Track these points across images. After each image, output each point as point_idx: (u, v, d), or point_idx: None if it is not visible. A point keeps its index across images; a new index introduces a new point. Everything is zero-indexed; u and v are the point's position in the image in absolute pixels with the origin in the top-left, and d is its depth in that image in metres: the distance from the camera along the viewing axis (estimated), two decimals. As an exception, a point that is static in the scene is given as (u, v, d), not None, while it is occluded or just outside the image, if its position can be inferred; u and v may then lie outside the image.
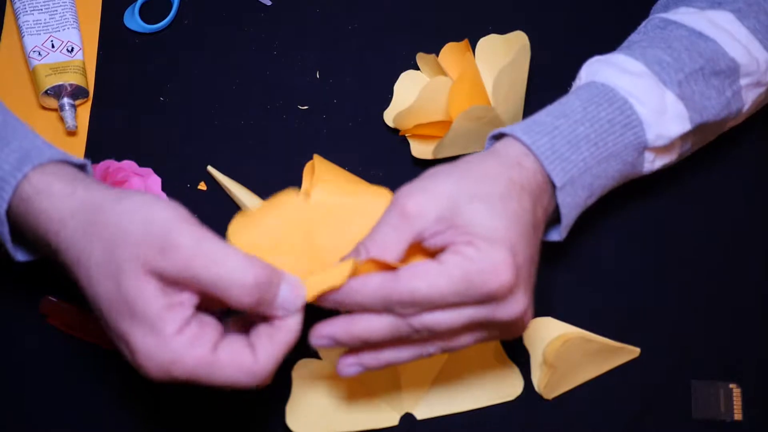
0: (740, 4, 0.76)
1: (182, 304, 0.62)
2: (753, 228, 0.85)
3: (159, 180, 0.82)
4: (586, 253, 0.82)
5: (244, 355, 0.63)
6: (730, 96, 0.74)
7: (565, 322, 0.80)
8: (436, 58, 0.84)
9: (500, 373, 0.78)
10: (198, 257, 0.61)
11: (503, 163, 0.68)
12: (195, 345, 0.61)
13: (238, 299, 0.61)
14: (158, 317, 0.61)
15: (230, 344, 0.63)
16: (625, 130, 0.71)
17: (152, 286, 0.61)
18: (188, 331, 0.62)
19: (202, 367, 0.62)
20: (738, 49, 0.74)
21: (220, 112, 0.85)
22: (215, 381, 0.62)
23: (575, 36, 0.89)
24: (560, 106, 0.71)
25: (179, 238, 0.61)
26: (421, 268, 0.64)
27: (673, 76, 0.73)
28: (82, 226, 0.63)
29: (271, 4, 0.89)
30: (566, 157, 0.69)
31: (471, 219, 0.64)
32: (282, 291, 0.63)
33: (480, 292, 0.63)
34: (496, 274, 0.63)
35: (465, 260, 0.63)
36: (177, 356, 0.61)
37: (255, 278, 0.61)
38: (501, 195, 0.66)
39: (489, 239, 0.64)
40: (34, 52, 0.84)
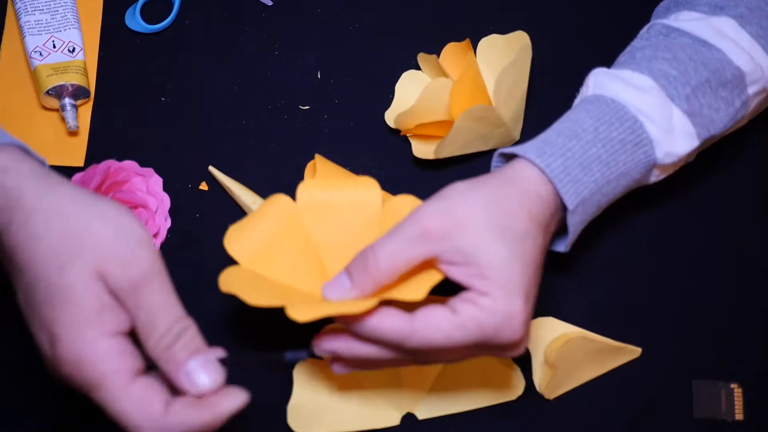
0: (742, 9, 0.75)
1: (119, 316, 0.61)
2: (753, 228, 0.85)
3: (160, 180, 0.82)
4: (588, 253, 0.82)
5: (156, 400, 0.60)
6: (738, 106, 0.74)
7: (566, 322, 0.80)
8: (438, 59, 0.84)
9: (501, 373, 0.78)
10: (149, 286, 0.60)
11: (523, 193, 0.67)
12: (120, 357, 0.60)
13: (156, 339, 0.60)
14: (93, 312, 0.60)
15: (150, 383, 0.61)
16: (636, 149, 0.70)
17: (97, 286, 0.60)
18: (117, 341, 0.60)
19: (113, 382, 0.59)
20: (742, 57, 0.74)
21: (221, 112, 0.85)
22: (114, 406, 0.60)
23: (576, 36, 0.89)
24: (571, 124, 0.70)
25: (143, 260, 0.61)
26: (435, 319, 0.64)
27: (681, 91, 0.72)
28: (43, 209, 0.62)
29: (272, 4, 0.89)
30: (578, 180, 0.68)
31: (490, 263, 0.64)
32: (196, 361, 0.61)
33: (492, 343, 0.64)
34: (510, 327, 0.64)
35: (481, 312, 0.63)
36: (97, 357, 0.59)
37: (178, 329, 0.60)
38: (521, 236, 0.65)
39: (505, 289, 0.64)
40: (36, 53, 0.84)
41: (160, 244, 0.81)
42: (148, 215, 0.80)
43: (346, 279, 0.66)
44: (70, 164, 0.83)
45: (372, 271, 0.65)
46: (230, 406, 0.61)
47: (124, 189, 0.81)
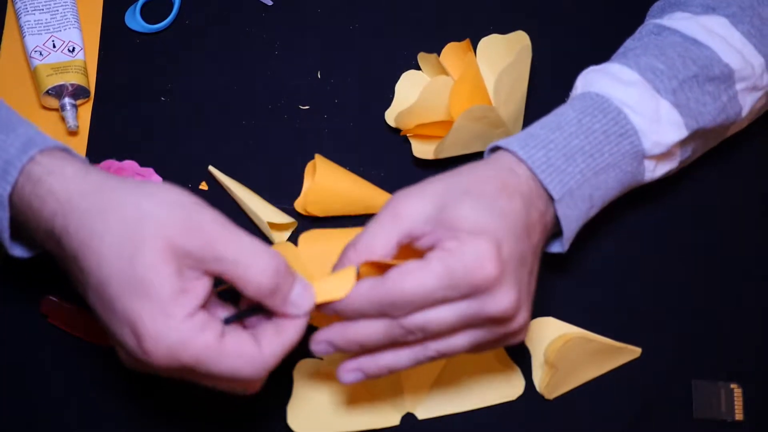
0: (734, 9, 0.76)
1: (196, 289, 0.62)
2: (753, 228, 0.85)
3: (160, 180, 0.82)
4: (587, 253, 0.82)
5: (249, 345, 0.63)
6: (725, 101, 0.74)
7: (566, 322, 0.80)
8: (438, 58, 0.84)
9: (501, 373, 0.78)
10: (223, 237, 0.62)
11: (495, 168, 0.69)
12: (204, 331, 0.62)
13: (257, 283, 0.62)
14: (171, 299, 0.61)
15: (236, 334, 0.64)
16: (621, 139, 0.71)
17: (170, 267, 0.61)
18: (198, 317, 0.62)
19: (209, 352, 0.62)
20: (732, 55, 0.74)
21: (221, 112, 0.85)
22: (219, 368, 0.63)
23: (576, 36, 0.89)
24: (555, 118, 0.72)
25: (204, 221, 0.62)
26: (406, 267, 0.64)
27: (667, 84, 0.73)
28: (95, 206, 0.63)
29: (272, 4, 0.89)
30: (562, 170, 0.69)
31: (457, 214, 0.65)
32: (296, 288, 0.64)
33: (464, 283, 0.64)
34: (479, 265, 0.63)
35: (447, 254, 0.64)
36: (186, 340, 0.61)
37: (276, 266, 0.62)
38: (490, 193, 0.66)
39: (472, 231, 0.64)
40: (36, 52, 0.84)
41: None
42: (147, 215, 0.80)
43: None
44: None
45: (352, 259, 0.66)
46: (299, 323, 0.64)
47: (123, 189, 0.81)
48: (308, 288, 0.65)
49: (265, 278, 0.62)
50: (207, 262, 0.62)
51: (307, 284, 0.65)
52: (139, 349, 0.62)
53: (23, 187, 0.65)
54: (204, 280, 0.63)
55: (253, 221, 0.81)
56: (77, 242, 0.63)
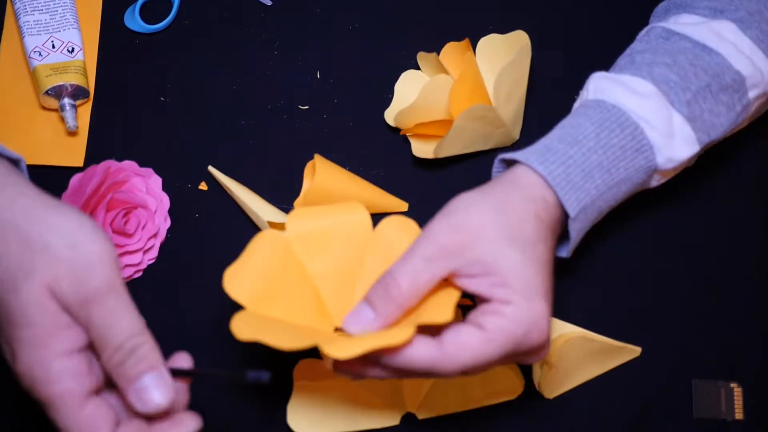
0: (742, 13, 0.75)
1: (77, 331, 0.61)
2: (753, 228, 0.85)
3: (160, 180, 0.82)
4: (588, 253, 0.82)
5: (103, 426, 0.60)
6: (740, 110, 0.74)
7: (566, 321, 0.80)
8: (437, 58, 0.84)
9: (501, 373, 0.78)
10: (99, 302, 0.60)
11: (529, 198, 0.67)
12: (73, 378, 0.60)
13: (108, 355, 0.60)
14: (49, 332, 0.60)
15: (101, 406, 0.61)
16: (637, 155, 0.70)
17: (53, 304, 0.60)
18: (74, 361, 0.60)
19: (63, 403, 0.60)
20: (742, 61, 0.73)
21: (220, 112, 0.85)
22: (61, 423, 0.60)
23: (576, 36, 0.88)
24: (572, 130, 0.70)
25: (93, 279, 0.60)
26: (465, 338, 0.63)
27: (681, 96, 0.72)
28: (4, 225, 0.61)
29: (271, 4, 0.89)
30: (580, 186, 0.68)
31: (509, 269, 0.64)
32: (145, 378, 0.60)
33: (522, 350, 0.64)
34: (537, 330, 0.64)
35: (507, 322, 0.63)
36: (49, 379, 0.59)
37: (131, 345, 0.60)
38: (532, 240, 0.66)
39: (526, 293, 0.64)
40: (35, 53, 0.84)
41: (160, 244, 0.81)
42: (147, 215, 0.80)
43: (368, 309, 0.65)
44: (70, 164, 0.83)
45: (395, 296, 0.64)
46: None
47: (123, 189, 0.81)
48: (161, 384, 0.61)
49: (116, 353, 0.60)
50: (78, 316, 0.60)
51: (164, 381, 0.61)
52: (13, 368, 0.61)
53: None
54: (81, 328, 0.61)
55: (253, 221, 0.81)
56: None
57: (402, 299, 0.64)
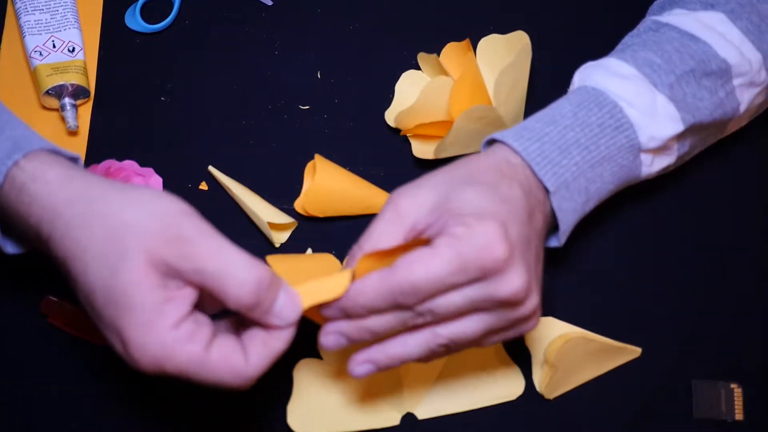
0: (733, 5, 0.76)
1: (180, 298, 0.62)
2: (753, 228, 0.85)
3: (160, 180, 0.82)
4: (588, 253, 0.82)
5: (235, 357, 0.63)
6: (723, 96, 0.75)
7: (566, 321, 0.80)
8: (438, 58, 0.84)
9: (501, 373, 0.78)
10: (204, 250, 0.61)
11: (492, 159, 0.69)
12: (189, 341, 0.62)
13: (237, 297, 0.61)
14: (155, 310, 0.61)
15: (223, 344, 0.63)
16: (617, 133, 0.71)
17: (152, 278, 0.61)
18: (183, 327, 0.62)
19: (193, 364, 0.62)
20: (729, 50, 0.75)
21: (221, 112, 0.85)
22: (204, 379, 0.62)
23: (576, 36, 0.89)
24: (550, 111, 0.72)
25: (186, 230, 0.61)
26: (415, 255, 0.64)
27: (664, 79, 0.73)
28: (79, 215, 0.63)
29: (272, 3, 0.89)
30: (557, 162, 0.70)
31: (461, 201, 0.65)
32: (280, 299, 0.63)
33: (475, 266, 0.63)
34: (488, 247, 0.63)
35: (456, 239, 0.63)
36: (170, 351, 0.61)
37: (257, 278, 0.61)
38: (491, 181, 0.67)
39: (479, 215, 0.64)
40: (36, 52, 0.84)
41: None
42: (147, 215, 0.80)
43: None
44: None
45: (355, 254, 0.67)
46: (287, 333, 0.64)
47: (123, 189, 0.81)
48: (294, 298, 0.64)
49: (244, 292, 0.61)
50: (186, 273, 0.61)
51: (293, 294, 0.64)
52: (126, 356, 0.62)
53: (9, 193, 0.65)
54: (188, 289, 0.62)
55: (253, 221, 0.81)
56: (63, 250, 0.63)
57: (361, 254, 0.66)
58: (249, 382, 0.63)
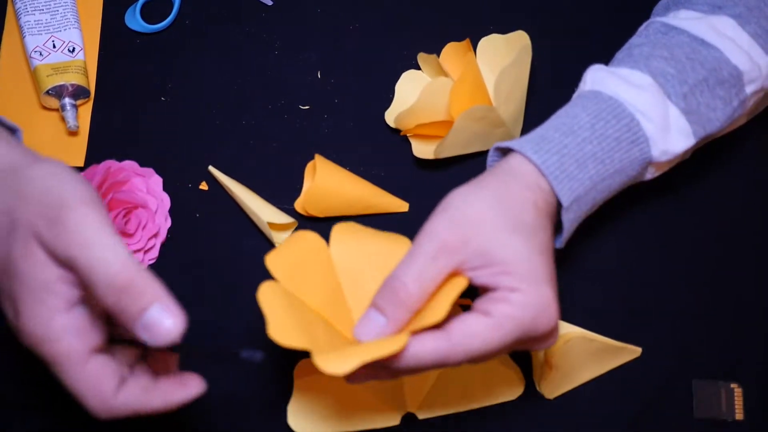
0: (741, 9, 0.75)
1: (72, 283, 0.59)
2: (753, 228, 0.85)
3: (160, 180, 0.82)
4: (588, 253, 0.82)
5: (107, 381, 0.60)
6: (736, 105, 0.74)
7: (566, 321, 0.80)
8: (438, 58, 0.84)
9: (502, 373, 0.78)
10: (78, 238, 0.58)
11: (525, 185, 0.67)
12: (75, 335, 0.59)
13: (101, 295, 0.58)
14: (45, 288, 0.59)
15: (105, 362, 0.60)
16: (632, 146, 0.70)
17: (40, 255, 0.59)
18: (75, 315, 0.59)
19: (66, 360, 0.59)
20: (740, 56, 0.74)
21: (221, 112, 0.85)
22: (67, 381, 0.60)
23: (576, 36, 0.89)
24: (567, 120, 0.70)
25: (68, 215, 0.59)
26: (472, 326, 0.63)
27: (678, 89, 0.72)
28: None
29: (272, 4, 0.89)
30: (574, 176, 0.68)
31: (512, 258, 0.64)
32: (151, 312, 0.58)
33: (531, 335, 0.64)
34: (546, 315, 0.64)
35: (515, 308, 0.63)
36: (53, 335, 0.59)
37: (123, 281, 0.58)
38: (533, 227, 0.65)
39: (532, 280, 0.63)
40: (36, 52, 0.84)
41: (160, 244, 0.81)
42: (148, 215, 0.80)
43: (379, 315, 0.65)
44: (70, 164, 0.82)
45: (404, 299, 0.64)
46: (184, 396, 0.61)
47: (124, 189, 0.81)
48: (173, 315, 0.58)
49: (108, 291, 0.58)
50: (61, 258, 0.59)
51: (173, 311, 0.59)
52: (15, 323, 0.60)
53: None
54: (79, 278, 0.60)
55: (253, 221, 0.81)
56: None
57: (411, 301, 0.64)
58: (105, 415, 0.60)
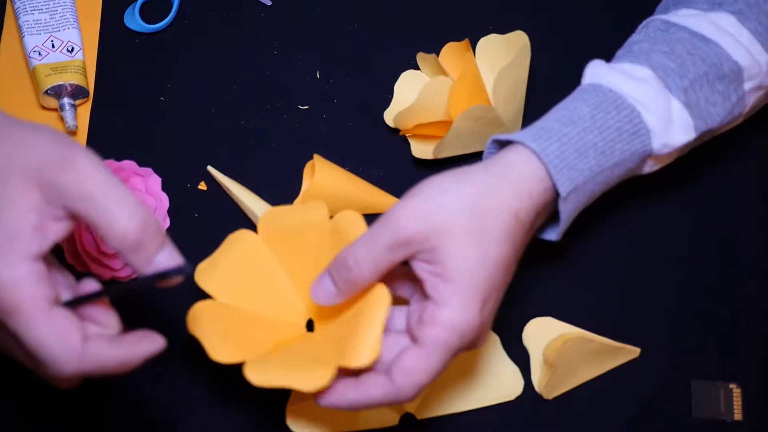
0: (740, 6, 0.75)
1: (51, 232, 0.59)
2: (752, 227, 0.85)
3: (159, 180, 0.82)
4: (586, 253, 0.82)
5: (74, 332, 0.59)
6: (734, 101, 0.74)
7: (565, 322, 0.80)
8: (437, 58, 0.84)
9: (500, 373, 0.78)
10: (95, 177, 0.59)
11: (512, 191, 0.67)
12: (39, 283, 0.59)
13: (123, 231, 0.59)
14: (19, 234, 0.58)
15: (69, 316, 0.59)
16: (633, 138, 0.70)
17: (30, 198, 0.59)
18: (40, 266, 0.59)
19: (32, 308, 0.58)
20: (741, 52, 0.74)
21: (220, 112, 0.85)
22: (29, 333, 0.58)
23: (575, 36, 0.89)
24: (567, 112, 0.70)
25: (80, 158, 0.59)
26: (409, 365, 0.65)
27: (678, 83, 0.72)
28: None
29: (271, 3, 0.89)
30: (573, 165, 0.68)
31: (458, 267, 0.65)
32: (164, 253, 0.61)
33: (464, 347, 0.66)
34: (471, 332, 0.65)
35: (443, 332, 0.64)
36: (16, 281, 0.58)
37: (144, 219, 0.59)
38: (499, 238, 0.66)
39: (465, 296, 0.65)
40: (35, 52, 0.84)
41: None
42: (146, 215, 0.80)
43: (330, 283, 0.67)
44: None
45: (355, 279, 0.66)
46: (147, 349, 0.61)
47: (123, 189, 0.80)
48: (177, 258, 0.61)
49: (130, 229, 0.59)
50: (73, 199, 0.59)
51: (176, 255, 0.62)
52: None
53: None
54: (63, 223, 0.60)
55: (253, 221, 0.81)
56: None
57: (361, 280, 0.66)
58: (74, 367, 0.59)
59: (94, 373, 0.60)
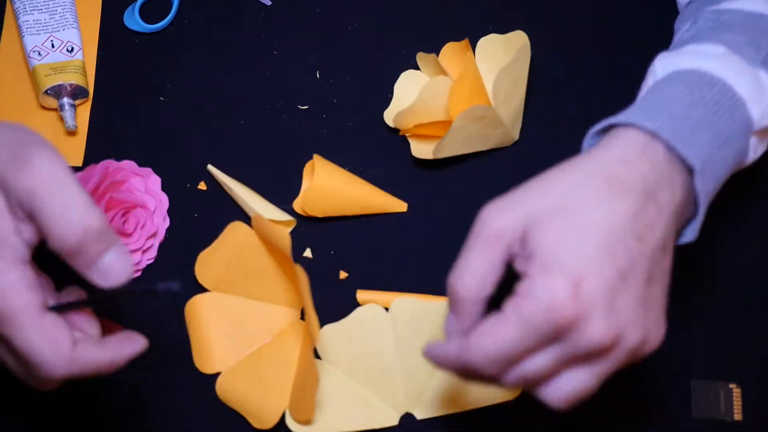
0: None
1: (26, 231, 0.59)
2: (753, 227, 0.84)
3: (159, 180, 0.82)
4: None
5: (64, 336, 0.59)
6: None
7: (565, 322, 0.80)
8: (437, 58, 0.84)
9: (500, 373, 0.78)
10: (43, 175, 0.58)
11: (603, 161, 0.61)
12: (30, 290, 0.59)
13: (60, 236, 0.57)
14: (8, 239, 0.58)
15: (58, 320, 0.59)
16: (732, 111, 0.64)
17: (2, 202, 0.58)
18: (24, 275, 0.59)
19: (22, 314, 0.58)
20: None
21: (220, 111, 0.85)
22: (20, 340, 0.58)
23: (576, 36, 0.88)
24: (660, 93, 0.65)
25: (38, 158, 0.58)
26: (485, 326, 0.59)
27: (755, 55, 0.67)
28: None
29: (271, 3, 0.89)
30: (690, 140, 0.62)
31: (539, 243, 0.58)
32: (109, 256, 0.59)
33: (545, 328, 0.58)
34: (553, 308, 0.57)
35: (519, 299, 0.58)
36: (8, 289, 0.58)
37: (86, 224, 0.58)
38: (585, 206, 0.59)
39: (546, 266, 0.58)
40: (34, 52, 0.84)
41: (159, 244, 0.81)
42: (146, 215, 0.80)
43: (453, 318, 0.63)
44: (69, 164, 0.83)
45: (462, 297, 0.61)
46: (131, 349, 0.61)
47: (122, 189, 0.80)
48: (125, 259, 0.59)
49: (69, 232, 0.57)
50: (22, 200, 0.58)
51: (126, 256, 0.60)
52: None
53: None
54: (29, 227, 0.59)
55: (252, 221, 0.82)
56: None
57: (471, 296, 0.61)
58: (64, 370, 0.59)
59: (83, 375, 0.60)
